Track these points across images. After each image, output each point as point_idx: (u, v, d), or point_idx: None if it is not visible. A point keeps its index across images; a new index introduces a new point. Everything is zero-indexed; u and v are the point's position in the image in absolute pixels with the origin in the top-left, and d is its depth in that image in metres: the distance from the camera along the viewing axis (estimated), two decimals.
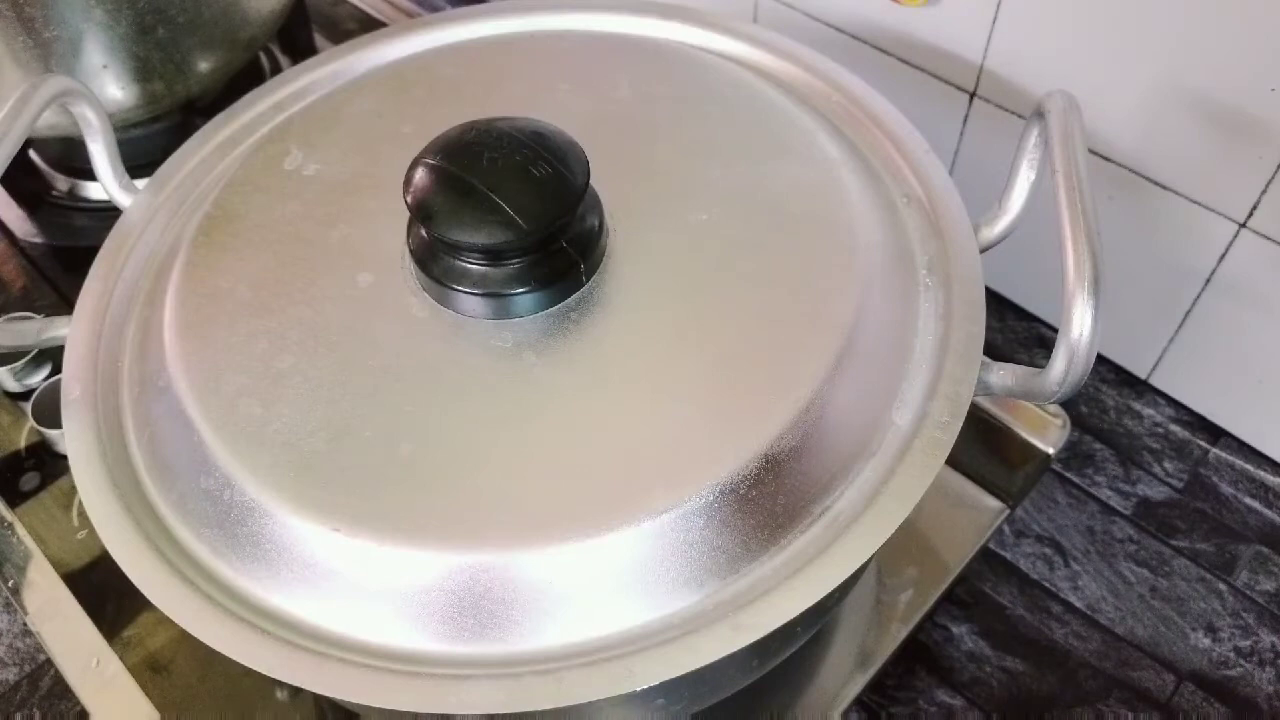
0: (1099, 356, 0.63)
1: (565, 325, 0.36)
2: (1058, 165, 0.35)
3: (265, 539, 0.33)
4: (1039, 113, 0.38)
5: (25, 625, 0.56)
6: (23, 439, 0.54)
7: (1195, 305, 0.56)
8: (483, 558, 0.31)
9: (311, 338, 0.36)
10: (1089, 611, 0.54)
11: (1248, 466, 0.59)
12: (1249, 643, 0.53)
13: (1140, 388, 0.62)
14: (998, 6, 0.53)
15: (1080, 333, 0.31)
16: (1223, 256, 0.53)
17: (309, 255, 0.39)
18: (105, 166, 0.45)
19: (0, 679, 0.54)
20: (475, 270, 0.35)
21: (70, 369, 0.39)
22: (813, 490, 0.33)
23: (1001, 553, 0.56)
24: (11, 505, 0.51)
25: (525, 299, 0.35)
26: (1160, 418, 0.61)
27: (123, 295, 0.41)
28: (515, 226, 0.33)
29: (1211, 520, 0.57)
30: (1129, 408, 0.61)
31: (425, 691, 0.31)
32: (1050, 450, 0.50)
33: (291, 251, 0.39)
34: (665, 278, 0.37)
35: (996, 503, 0.53)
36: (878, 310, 0.36)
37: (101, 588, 0.48)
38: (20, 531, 0.50)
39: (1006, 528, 0.57)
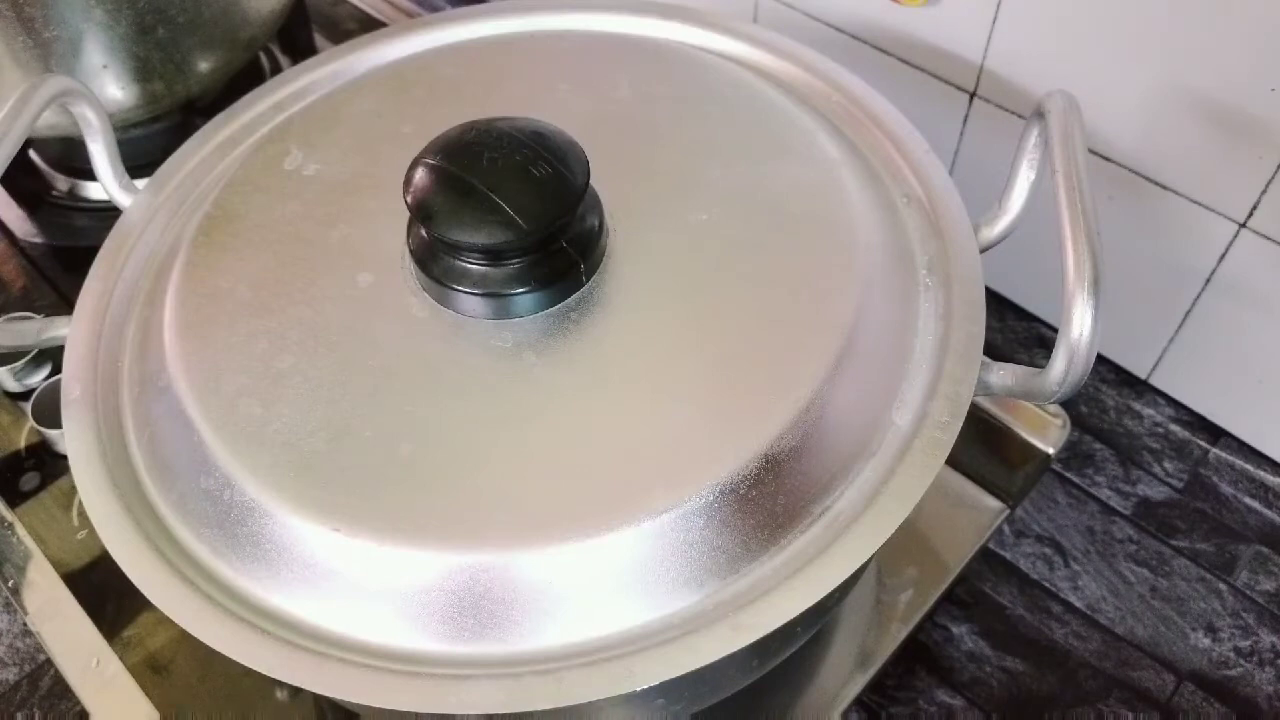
0: (1099, 356, 0.63)
1: (565, 325, 0.36)
2: (1058, 165, 0.35)
3: (265, 539, 0.33)
4: (1039, 113, 0.38)
5: (25, 625, 0.56)
6: (23, 439, 0.54)
7: (1195, 305, 0.56)
8: (483, 558, 0.31)
9: (311, 338, 0.36)
10: (1089, 611, 0.54)
11: (1248, 466, 0.59)
12: (1249, 643, 0.53)
13: (1140, 388, 0.62)
14: (998, 6, 0.53)
15: (1080, 333, 0.31)
16: (1223, 256, 0.53)
17: (309, 255, 0.39)
18: (105, 166, 0.45)
19: (0, 679, 0.54)
20: (475, 270, 0.35)
21: (70, 369, 0.39)
22: (813, 490, 0.33)
23: (1001, 553, 0.56)
24: (11, 505, 0.51)
25: (525, 299, 0.35)
26: (1160, 418, 0.61)
27: (123, 295, 0.41)
28: (515, 226, 0.33)
29: (1211, 520, 0.57)
30: (1129, 408, 0.61)
31: (425, 691, 0.31)
32: (1050, 450, 0.50)
33: (291, 251, 0.39)
34: (665, 278, 0.37)
35: (996, 503, 0.53)
36: (878, 310, 0.36)
37: (101, 588, 0.48)
38: (20, 531, 0.50)
39: (1006, 528, 0.57)
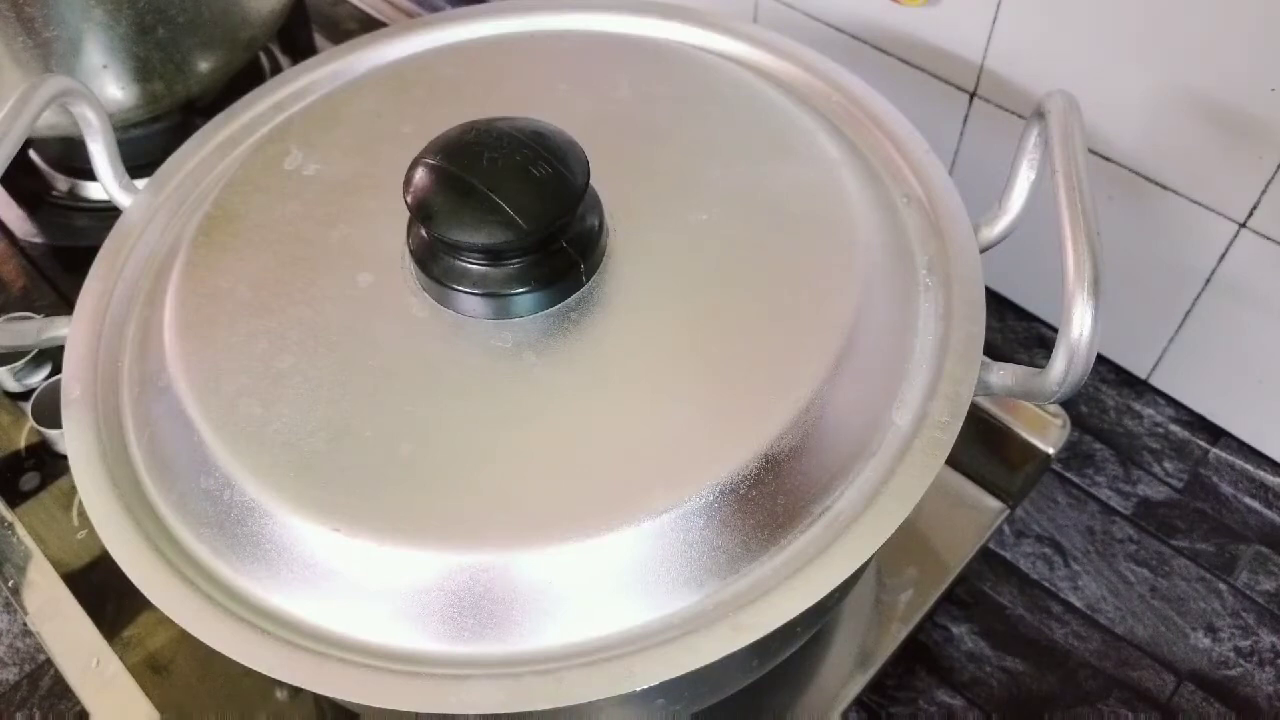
0: (1099, 356, 0.63)
1: (565, 325, 0.36)
2: (1058, 165, 0.35)
3: (265, 539, 0.33)
4: (1039, 113, 0.38)
5: (25, 625, 0.56)
6: (23, 439, 0.54)
7: (1195, 305, 0.56)
8: (483, 558, 0.31)
9: (311, 338, 0.36)
10: (1089, 611, 0.54)
11: (1248, 466, 0.59)
12: (1249, 643, 0.53)
13: (1140, 388, 0.62)
14: (998, 6, 0.53)
15: (1080, 333, 0.31)
16: (1223, 256, 0.53)
17: (309, 255, 0.39)
18: (105, 166, 0.45)
19: (0, 679, 0.54)
20: (475, 270, 0.35)
21: (70, 369, 0.39)
22: (813, 490, 0.33)
23: (1001, 553, 0.56)
24: (11, 505, 0.51)
25: (525, 299, 0.35)
26: (1160, 418, 0.61)
27: (123, 295, 0.41)
28: (515, 226, 0.33)
29: (1211, 520, 0.57)
30: (1129, 408, 0.61)
31: (425, 691, 0.31)
32: (1050, 450, 0.50)
33: (291, 251, 0.39)
34: (665, 278, 0.37)
35: (996, 503, 0.53)
36: (878, 310, 0.36)
37: (101, 588, 0.48)
38: (20, 531, 0.50)
39: (1006, 528, 0.57)
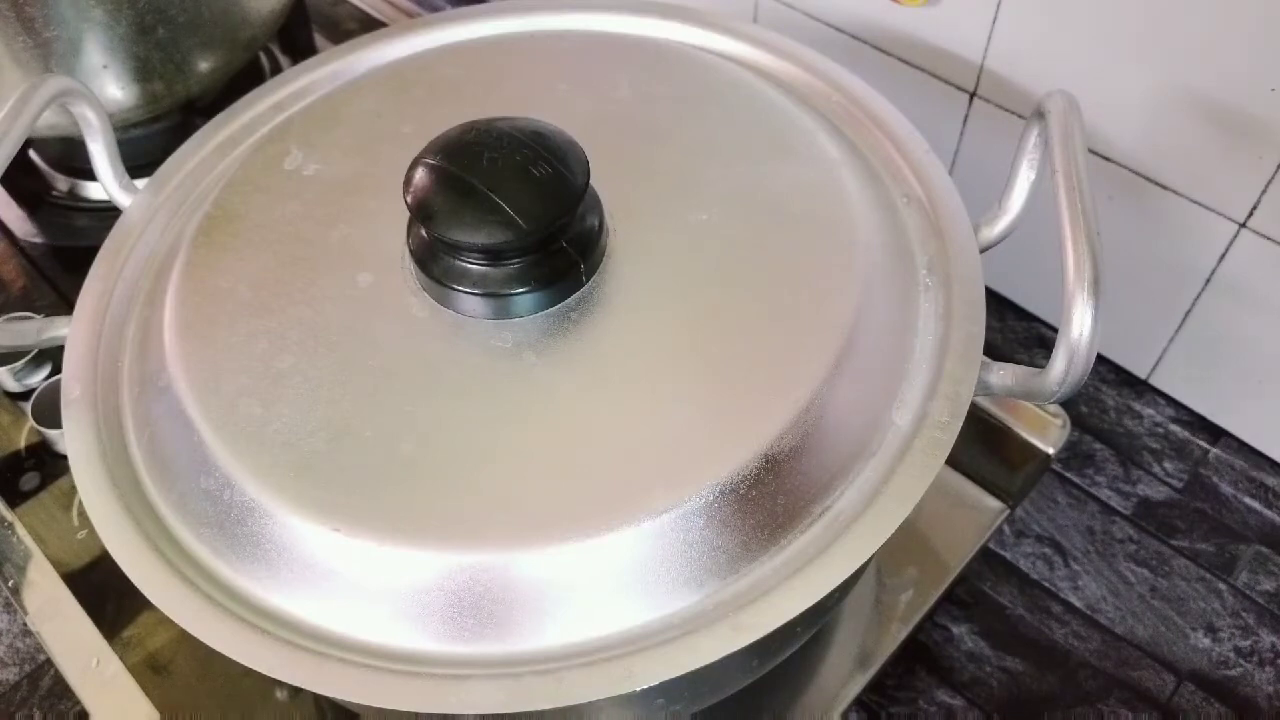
0: (1099, 356, 0.63)
1: (565, 325, 0.36)
2: (1058, 165, 0.35)
3: (265, 539, 0.33)
4: (1039, 113, 0.38)
5: (25, 625, 0.56)
6: (23, 439, 0.54)
7: (1195, 305, 0.56)
8: (483, 558, 0.31)
9: (311, 338, 0.36)
10: (1089, 611, 0.54)
11: (1248, 466, 0.59)
12: (1249, 643, 0.53)
13: (1140, 388, 0.62)
14: (998, 6, 0.53)
15: (1080, 333, 0.31)
16: (1223, 256, 0.53)
17: (309, 255, 0.39)
18: (105, 166, 0.45)
19: (1, 679, 0.54)
20: (475, 270, 0.35)
21: (70, 369, 0.39)
22: (813, 490, 0.33)
23: (1001, 553, 0.56)
24: (11, 505, 0.51)
25: (525, 299, 0.35)
26: (1160, 418, 0.61)
27: (123, 295, 0.41)
28: (515, 226, 0.33)
29: (1211, 520, 0.57)
30: (1129, 408, 0.61)
31: (425, 691, 0.31)
32: (1050, 450, 0.50)
33: (291, 251, 0.39)
34: (665, 278, 0.37)
35: (996, 503, 0.53)
36: (878, 310, 0.36)
37: (101, 588, 0.48)
38: (20, 531, 0.50)
39: (1006, 528, 0.57)
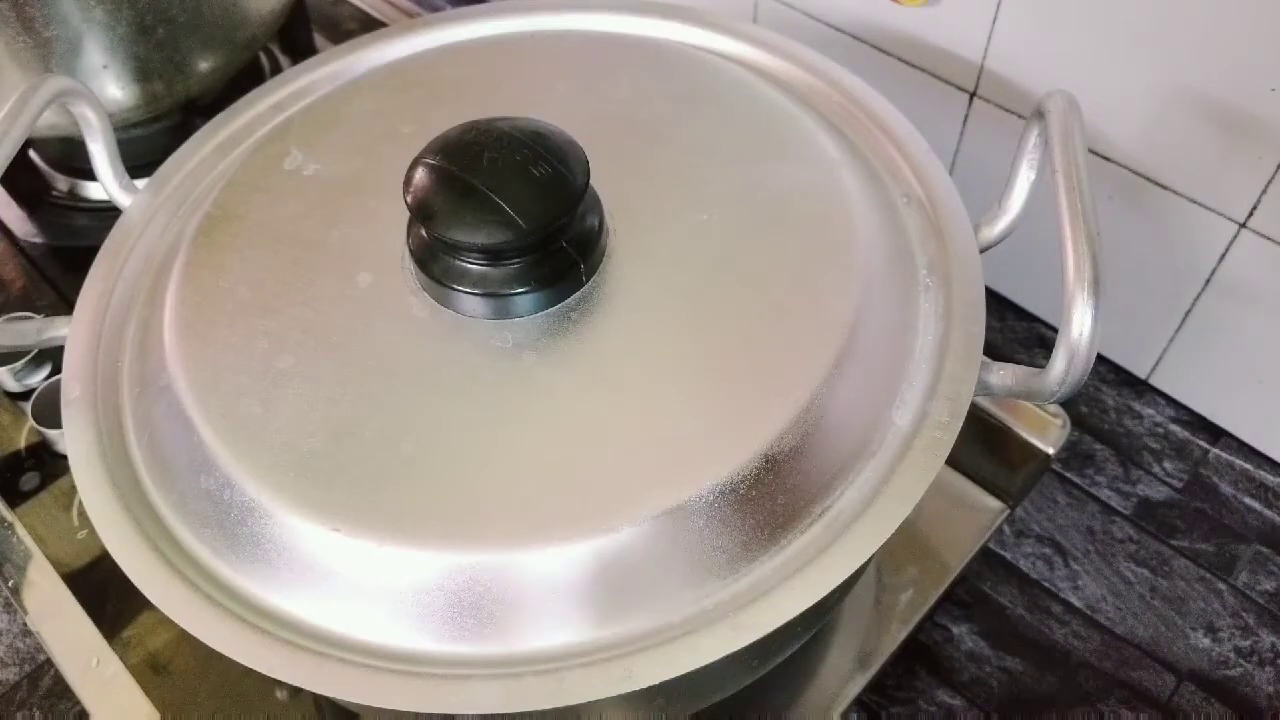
0: (1099, 356, 0.63)
1: (565, 325, 0.36)
2: (1058, 165, 0.35)
3: (265, 539, 0.33)
4: (1039, 113, 0.38)
5: (25, 625, 0.56)
6: (23, 439, 0.54)
7: (1195, 305, 0.56)
8: (483, 558, 0.31)
9: (311, 338, 0.36)
10: (1089, 611, 0.54)
11: (1248, 466, 0.59)
12: (1249, 643, 0.53)
13: (1140, 388, 0.62)
14: (998, 6, 0.53)
15: (1080, 333, 0.31)
16: (1223, 256, 0.53)
17: (309, 255, 0.39)
18: (105, 166, 0.45)
19: (1, 679, 0.54)
20: (475, 270, 0.35)
21: (70, 369, 0.39)
22: (813, 490, 0.33)
23: (1001, 553, 0.56)
24: (11, 505, 0.51)
25: (525, 299, 0.35)
26: (1160, 418, 0.61)
27: (123, 295, 0.41)
28: (515, 226, 0.33)
29: (1211, 520, 0.57)
30: (1129, 408, 0.61)
31: (425, 691, 0.31)
32: (1050, 450, 0.50)
33: (291, 251, 0.39)
34: (665, 278, 0.37)
35: (996, 503, 0.53)
36: (878, 310, 0.36)
37: (101, 588, 0.48)
38: (20, 531, 0.50)
39: (1006, 528, 0.57)
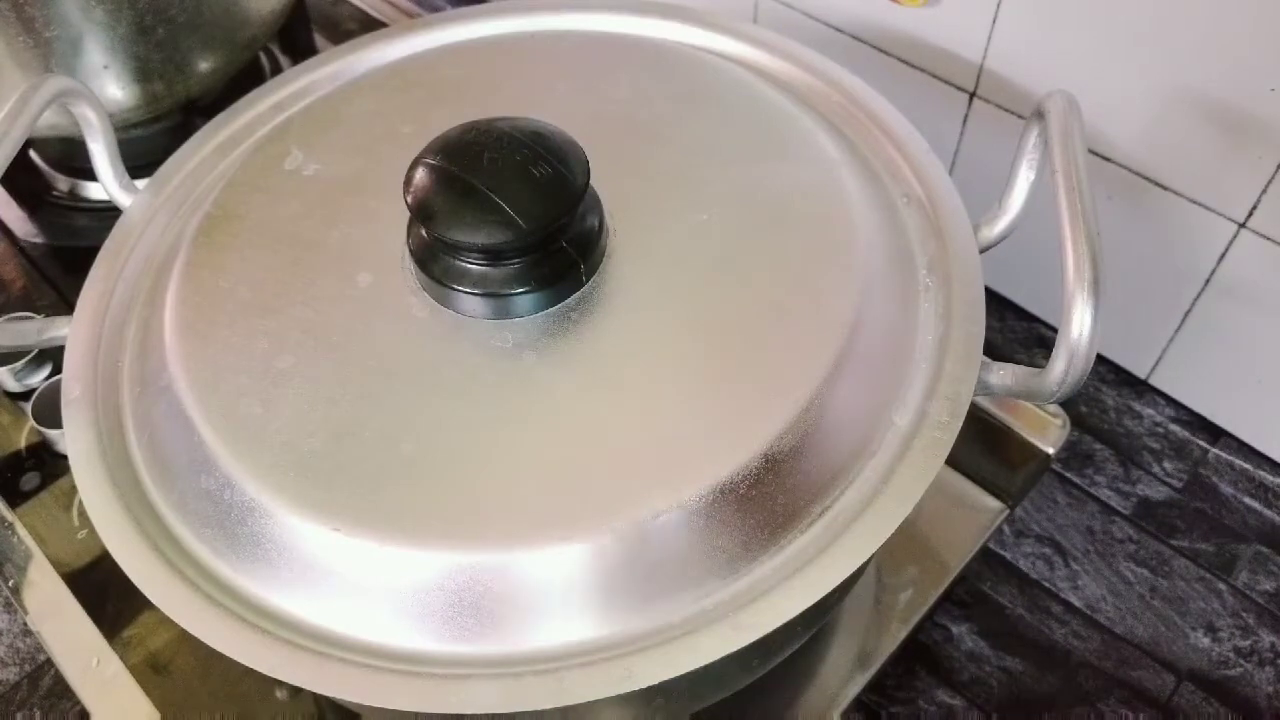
0: (1099, 356, 0.63)
1: (565, 325, 0.36)
2: (1057, 165, 0.35)
3: (266, 539, 0.33)
4: (1039, 113, 0.38)
5: (26, 625, 0.56)
6: (23, 439, 0.54)
7: (1195, 305, 0.56)
8: (483, 558, 0.31)
9: (311, 338, 0.36)
10: (1089, 611, 0.54)
11: (1248, 466, 0.59)
12: (1249, 642, 0.53)
13: (1140, 388, 0.62)
14: (998, 6, 0.53)
15: (1080, 333, 0.31)
16: (1222, 256, 0.53)
17: (309, 255, 0.39)
18: (106, 166, 0.45)
19: (1, 679, 0.54)
20: (475, 270, 0.35)
21: (70, 369, 0.39)
22: (813, 490, 0.33)
23: (1001, 553, 0.56)
24: (12, 505, 0.51)
25: (525, 299, 0.35)
26: (1160, 418, 0.61)
27: (123, 295, 0.41)
28: (515, 226, 0.33)
29: (1211, 520, 0.57)
30: (1129, 408, 0.61)
31: (426, 691, 0.31)
32: (1050, 450, 0.50)
33: (292, 251, 0.39)
34: (665, 278, 0.37)
35: (996, 503, 0.53)
36: (878, 310, 0.36)
37: (102, 587, 0.48)
38: (21, 531, 0.50)
39: (1006, 528, 0.57)
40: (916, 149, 0.42)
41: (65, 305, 0.59)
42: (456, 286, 0.35)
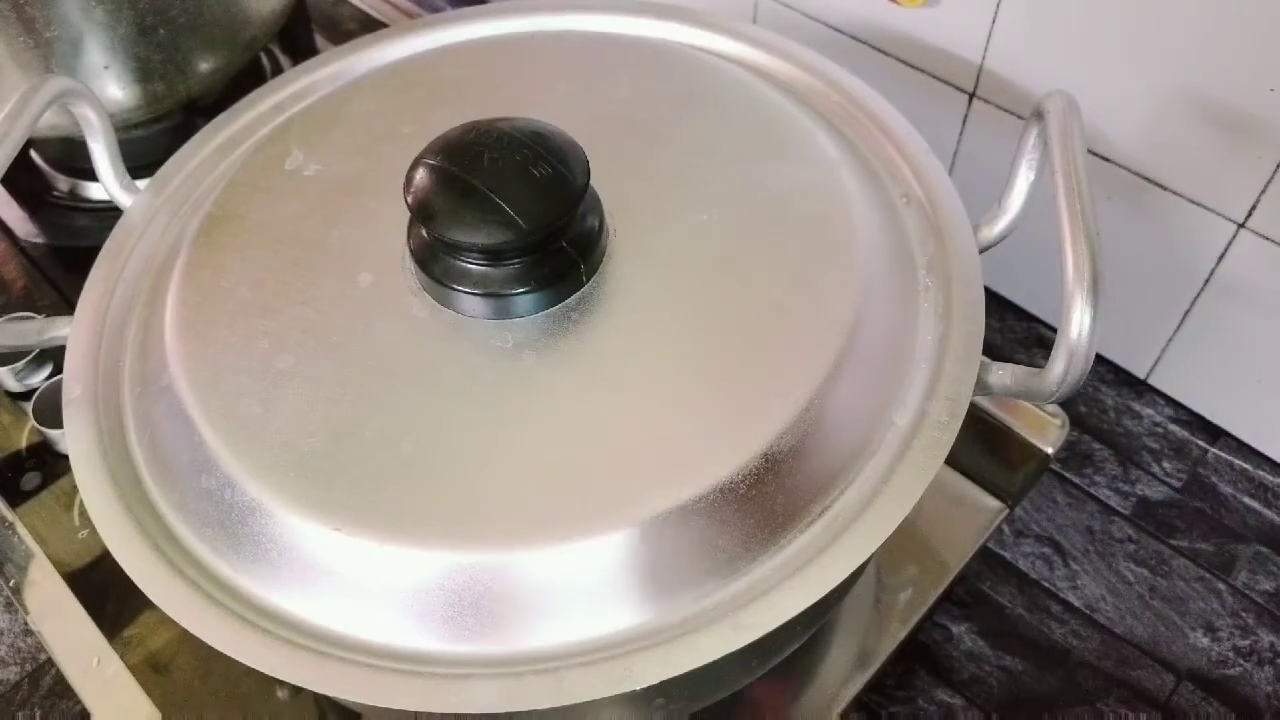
0: (1098, 356, 0.63)
1: (565, 325, 0.36)
2: (1057, 165, 0.35)
3: (266, 539, 0.33)
4: (1038, 113, 0.38)
5: (26, 625, 0.56)
6: (24, 439, 0.54)
7: (1194, 305, 0.56)
8: (483, 558, 0.31)
9: (312, 338, 0.36)
10: (1088, 611, 0.54)
11: (1247, 466, 0.59)
12: (1248, 642, 0.53)
13: (1139, 388, 0.62)
14: (997, 7, 0.53)
15: (1079, 333, 0.31)
16: (1222, 256, 0.53)
17: (309, 255, 0.39)
18: (106, 167, 0.45)
19: (1, 678, 0.54)
20: (475, 270, 0.35)
21: (71, 369, 0.39)
22: (813, 490, 0.33)
23: (1001, 552, 0.56)
24: (13, 505, 0.51)
25: (525, 299, 0.36)
26: (1159, 417, 0.61)
27: (124, 295, 0.41)
28: (515, 226, 0.33)
29: (1210, 520, 0.57)
30: (1128, 408, 0.61)
31: (426, 691, 0.31)
32: (1049, 450, 0.50)
33: (292, 252, 0.39)
34: (665, 278, 0.37)
35: (996, 502, 0.53)
36: (877, 310, 0.36)
37: (102, 587, 0.48)
38: (21, 531, 0.50)
39: (1006, 527, 0.57)
40: (916, 149, 0.42)
41: (66, 305, 0.59)
42: (457, 286, 0.35)
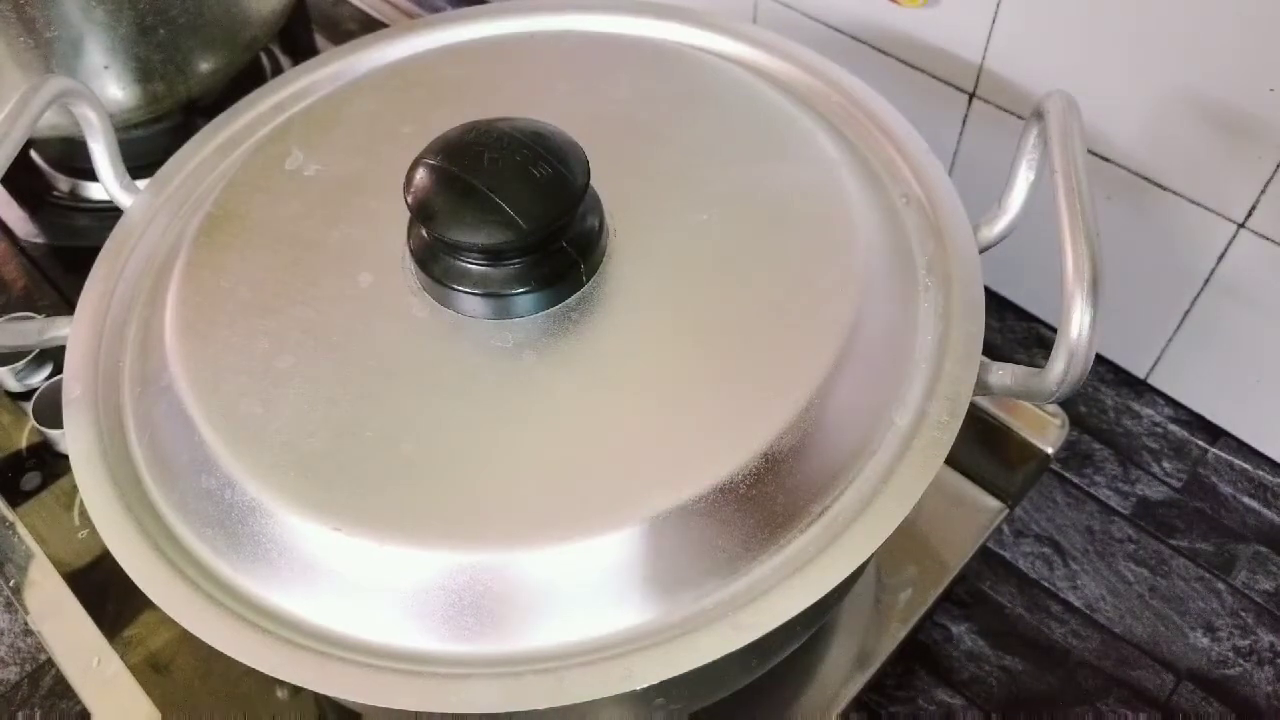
0: (1098, 356, 0.63)
1: (565, 325, 0.36)
2: (1057, 165, 0.35)
3: (266, 539, 0.33)
4: (1038, 113, 0.38)
5: (26, 625, 0.56)
6: (24, 439, 0.54)
7: (1194, 305, 0.56)
8: (483, 557, 0.31)
9: (312, 338, 0.36)
10: (1088, 611, 0.54)
11: (1247, 466, 0.59)
12: (1248, 642, 0.53)
13: (1139, 387, 0.62)
14: (997, 7, 0.53)
15: (1079, 333, 0.31)
16: (1222, 256, 0.53)
17: (310, 255, 0.39)
18: (106, 167, 0.45)
19: (1, 678, 0.54)
20: (475, 270, 0.35)
21: (71, 369, 0.39)
22: (813, 490, 0.33)
23: (1001, 552, 0.56)
24: (13, 505, 0.51)
25: (525, 299, 0.36)
26: (1159, 417, 0.61)
27: (124, 295, 0.41)
28: (515, 226, 0.33)
29: (1210, 520, 0.57)
30: (1128, 408, 0.61)
31: (426, 691, 0.31)
32: (1049, 450, 0.50)
33: (292, 251, 0.39)
34: (665, 278, 0.37)
35: (996, 502, 0.53)
36: (877, 310, 0.36)
37: (103, 587, 0.48)
38: (21, 531, 0.50)
39: (1006, 527, 0.57)
40: (916, 149, 0.42)
41: (66, 305, 0.59)
42: (457, 286, 0.36)
